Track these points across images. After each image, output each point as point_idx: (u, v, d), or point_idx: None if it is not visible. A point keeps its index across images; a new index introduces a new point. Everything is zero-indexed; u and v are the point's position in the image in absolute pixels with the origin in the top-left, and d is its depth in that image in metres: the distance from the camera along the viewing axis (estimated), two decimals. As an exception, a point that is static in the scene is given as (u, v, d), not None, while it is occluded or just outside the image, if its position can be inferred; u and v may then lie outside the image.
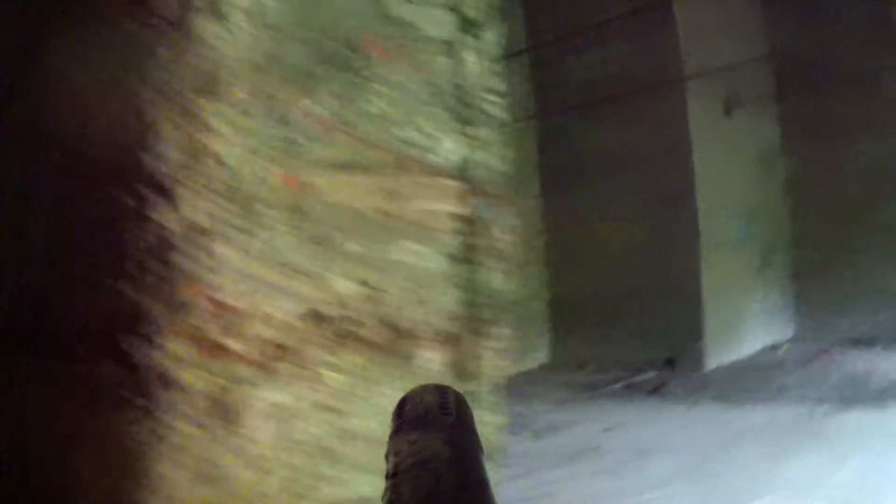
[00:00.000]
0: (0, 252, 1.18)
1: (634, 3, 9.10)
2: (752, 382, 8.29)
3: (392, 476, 0.71)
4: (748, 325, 10.02)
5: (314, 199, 1.15)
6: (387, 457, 0.76)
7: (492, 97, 1.43)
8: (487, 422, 1.36)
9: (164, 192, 1.03)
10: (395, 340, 1.23)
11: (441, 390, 0.83)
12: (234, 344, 1.08)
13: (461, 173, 1.33)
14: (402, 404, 0.82)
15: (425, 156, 1.29)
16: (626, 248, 9.90)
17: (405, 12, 1.35)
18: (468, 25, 1.39)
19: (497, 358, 1.44)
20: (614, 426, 6.97)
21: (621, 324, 9.88)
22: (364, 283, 1.22)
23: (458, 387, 1.34)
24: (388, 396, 1.21)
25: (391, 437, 0.78)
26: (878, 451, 5.41)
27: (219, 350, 1.06)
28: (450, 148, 1.31)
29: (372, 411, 1.23)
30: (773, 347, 10.20)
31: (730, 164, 9.91)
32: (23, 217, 1.18)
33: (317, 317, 1.17)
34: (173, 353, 1.04)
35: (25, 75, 1.21)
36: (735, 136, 10.05)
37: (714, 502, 4.76)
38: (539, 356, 10.86)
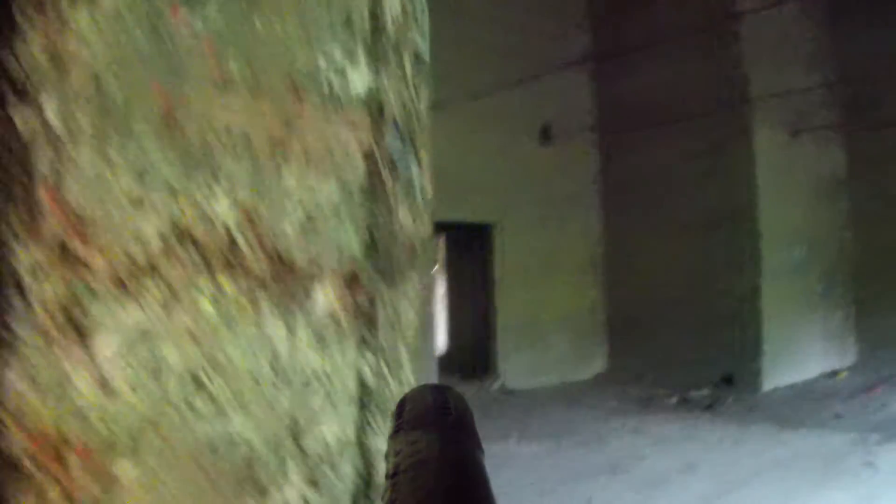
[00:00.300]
0: None
1: (700, 23, 9.11)
2: (807, 407, 8.12)
3: (392, 476, 0.71)
4: (807, 350, 9.82)
5: (195, 118, 1.10)
6: (387, 457, 0.76)
7: (413, 30, 1.34)
8: (394, 385, 1.27)
9: (27, 95, 1.03)
10: (283, 275, 1.17)
11: (441, 390, 0.84)
12: (92, 257, 1.05)
13: (373, 106, 1.25)
14: (401, 404, 0.83)
15: (332, 85, 1.21)
16: (685, 266, 9.85)
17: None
18: (392, -50, 1.28)
19: (408, 308, 1.29)
20: (663, 440, 6.92)
21: (679, 339, 9.84)
22: (247, 208, 1.13)
23: (360, 336, 1.26)
24: (277, 336, 1.15)
25: (391, 437, 0.78)
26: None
27: (76, 262, 1.04)
28: (361, 79, 1.24)
29: (255, 348, 1.14)
30: (831, 374, 9.98)
31: (794, 188, 9.72)
32: None
33: (189, 238, 1.09)
34: (29, 262, 1.02)
35: None
36: (800, 161, 9.84)
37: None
38: (596, 366, 10.89)
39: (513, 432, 7.21)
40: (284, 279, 1.19)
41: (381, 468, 1.12)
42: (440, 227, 10.06)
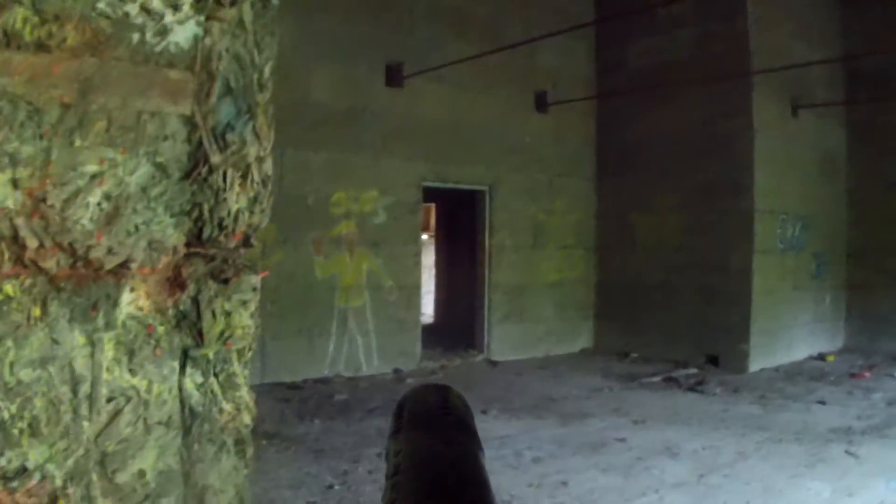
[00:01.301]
0: None
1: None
2: (793, 390, 8.01)
3: (392, 476, 0.70)
4: (796, 332, 9.69)
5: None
6: (387, 457, 0.75)
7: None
8: (228, 408, 1.09)
9: None
10: (81, 273, 0.99)
11: (442, 390, 0.83)
12: None
13: (198, 63, 1.03)
14: (402, 405, 0.81)
15: (145, 35, 1.00)
16: (676, 242, 9.69)
17: None
18: None
19: (243, 313, 1.09)
20: (645, 419, 6.79)
21: (667, 316, 9.72)
22: (33, 194, 0.95)
23: (182, 348, 1.06)
24: (75, 350, 0.98)
25: (391, 437, 0.77)
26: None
27: None
28: (184, 27, 1.02)
29: (49, 365, 0.96)
30: (819, 357, 9.87)
31: (791, 166, 9.53)
32: None
33: (-37, 231, 0.91)
34: None
35: None
36: (800, 137, 9.64)
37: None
38: (582, 340, 10.79)
39: (492, 406, 7.11)
40: (82, 280, 0.98)
41: (212, 502, 0.99)
42: (431, 195, 9.86)
